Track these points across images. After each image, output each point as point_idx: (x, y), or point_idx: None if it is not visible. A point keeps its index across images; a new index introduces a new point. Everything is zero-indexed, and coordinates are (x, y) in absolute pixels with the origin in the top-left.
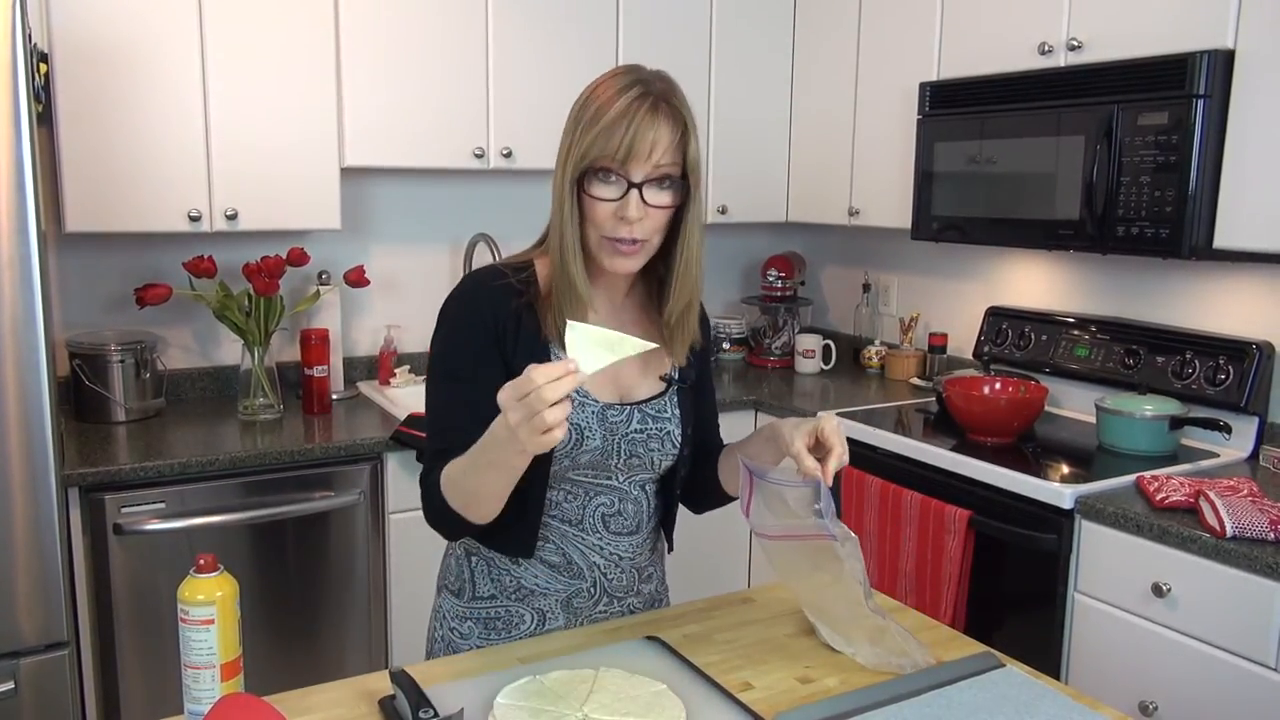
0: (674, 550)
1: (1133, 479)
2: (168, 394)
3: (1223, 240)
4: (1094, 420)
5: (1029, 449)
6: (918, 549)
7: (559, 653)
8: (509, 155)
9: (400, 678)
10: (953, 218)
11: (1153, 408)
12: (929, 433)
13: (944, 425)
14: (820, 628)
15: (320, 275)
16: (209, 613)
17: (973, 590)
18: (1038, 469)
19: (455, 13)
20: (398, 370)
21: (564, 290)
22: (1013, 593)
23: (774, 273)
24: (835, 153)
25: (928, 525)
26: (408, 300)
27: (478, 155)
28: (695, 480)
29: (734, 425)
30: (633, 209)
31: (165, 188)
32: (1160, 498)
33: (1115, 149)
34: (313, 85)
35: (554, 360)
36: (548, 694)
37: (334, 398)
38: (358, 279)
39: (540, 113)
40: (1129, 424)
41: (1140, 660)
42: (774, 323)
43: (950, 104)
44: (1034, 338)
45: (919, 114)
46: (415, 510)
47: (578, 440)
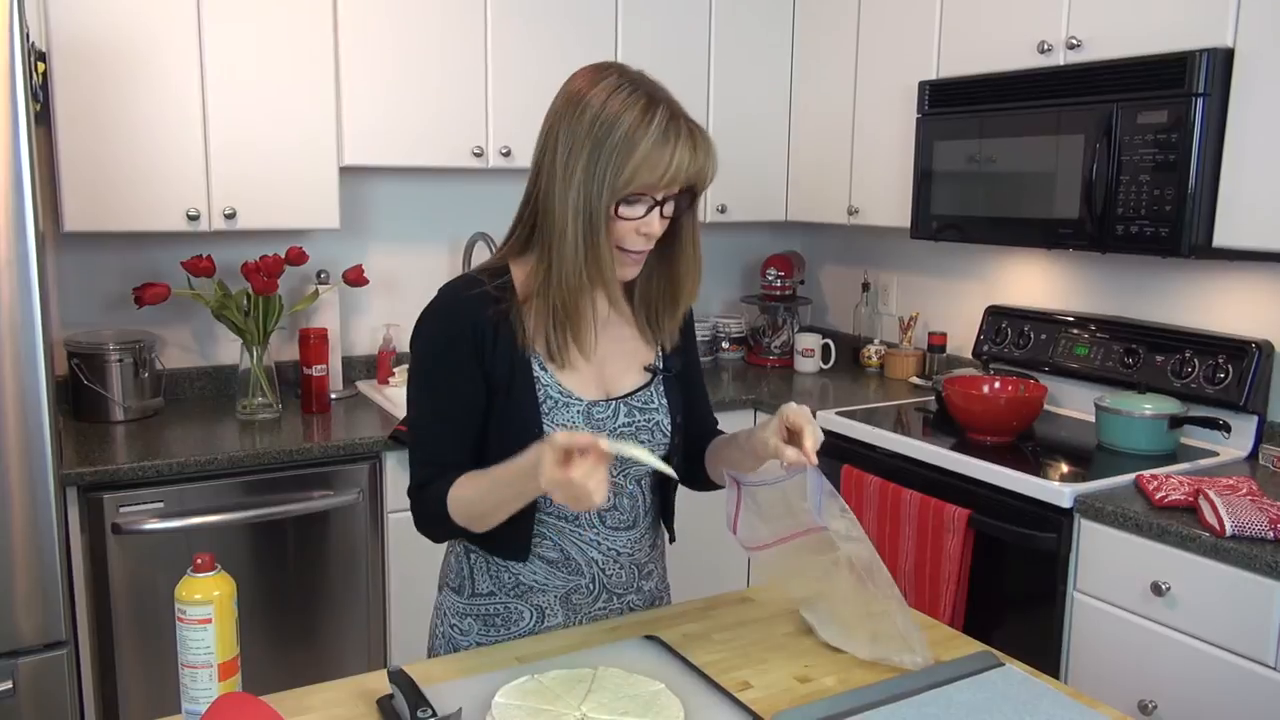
0: (675, 542)
1: (1132, 478)
2: (166, 393)
3: (1222, 239)
4: (1093, 419)
5: (1028, 448)
6: (917, 548)
7: (557, 652)
8: (508, 154)
9: (398, 677)
10: (952, 217)
11: (1152, 407)
12: (928, 432)
13: (943, 424)
14: (818, 626)
15: (319, 274)
16: (206, 612)
17: (972, 589)
18: (1037, 468)
19: (454, 12)
20: (396, 369)
21: (572, 311)
22: (1012, 592)
23: (773, 272)
24: (835, 152)
25: (927, 524)
26: (407, 299)
27: (476, 154)
28: (691, 464)
29: (734, 425)
30: (656, 225)
31: (164, 187)
32: (1160, 497)
33: (1115, 148)
34: (311, 84)
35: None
36: (546, 693)
37: (333, 397)
38: (356, 278)
39: (539, 112)
40: (1128, 423)
41: (1140, 659)
42: (773, 322)
43: (950, 103)
44: (1033, 337)
45: (918, 113)
46: None
47: None
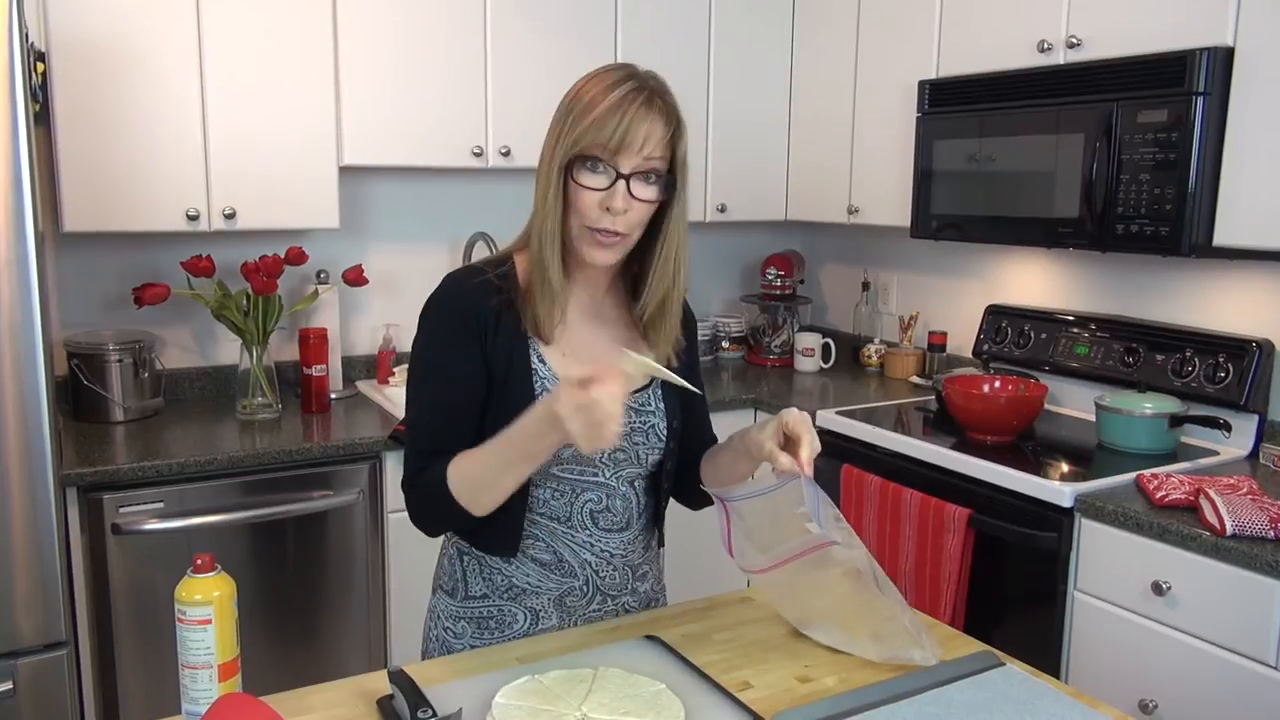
0: (664, 546)
1: (1132, 477)
2: (166, 393)
3: (1222, 238)
4: (1094, 418)
5: (1029, 447)
6: (917, 547)
7: (557, 652)
8: (507, 154)
9: (398, 678)
10: (952, 216)
11: (1152, 406)
12: (928, 431)
13: (943, 424)
14: (819, 635)
15: (319, 274)
16: (206, 613)
17: (972, 589)
18: (1037, 467)
19: (454, 11)
20: (396, 369)
21: (539, 280)
22: (1012, 591)
23: (773, 271)
24: (834, 151)
25: (927, 524)
26: (406, 299)
27: (476, 154)
28: (687, 477)
29: (733, 425)
30: (619, 200)
31: (163, 187)
32: (1160, 496)
33: (1115, 147)
34: (311, 84)
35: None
36: (546, 693)
37: (333, 397)
38: (356, 278)
39: (539, 111)
40: (1129, 422)
41: (1140, 659)
42: (773, 321)
43: (949, 102)
44: (1033, 336)
45: (918, 112)
46: None
47: None
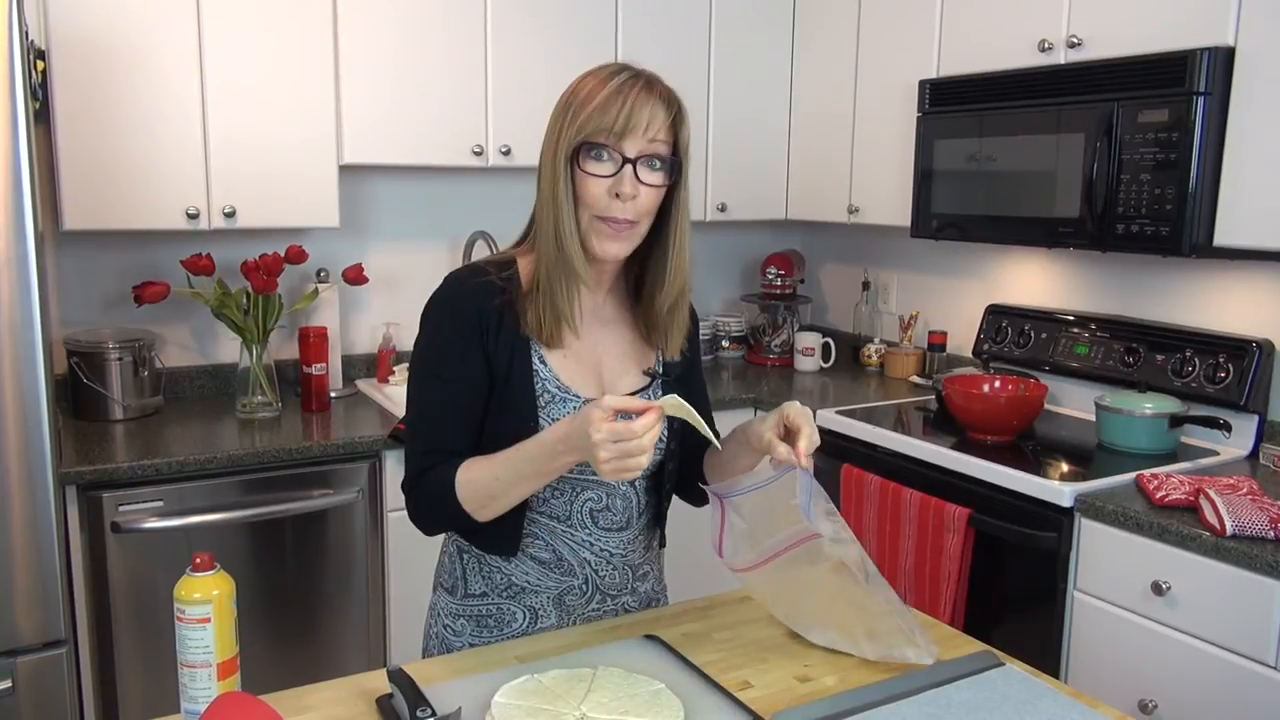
0: (665, 546)
1: (1132, 477)
2: (166, 392)
3: (1223, 238)
4: (1094, 418)
5: (1029, 447)
6: (917, 547)
7: (557, 651)
8: (508, 153)
9: (398, 677)
10: (952, 215)
11: (1152, 406)
12: (929, 431)
13: (944, 423)
14: (814, 634)
15: (319, 273)
16: (205, 611)
17: (972, 588)
18: (1037, 467)
19: (454, 10)
20: (396, 368)
21: (558, 273)
22: (1012, 591)
23: (773, 270)
24: (835, 150)
25: (927, 523)
26: (406, 298)
27: (477, 153)
28: (690, 474)
29: (733, 424)
30: (627, 184)
31: (163, 185)
32: (1160, 496)
33: (1115, 146)
34: (311, 83)
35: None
36: (546, 693)
37: (332, 396)
38: (356, 277)
39: (539, 110)
40: (1129, 422)
41: (1140, 659)
42: (773, 321)
43: (950, 101)
44: (1034, 336)
45: (919, 111)
46: None
47: None
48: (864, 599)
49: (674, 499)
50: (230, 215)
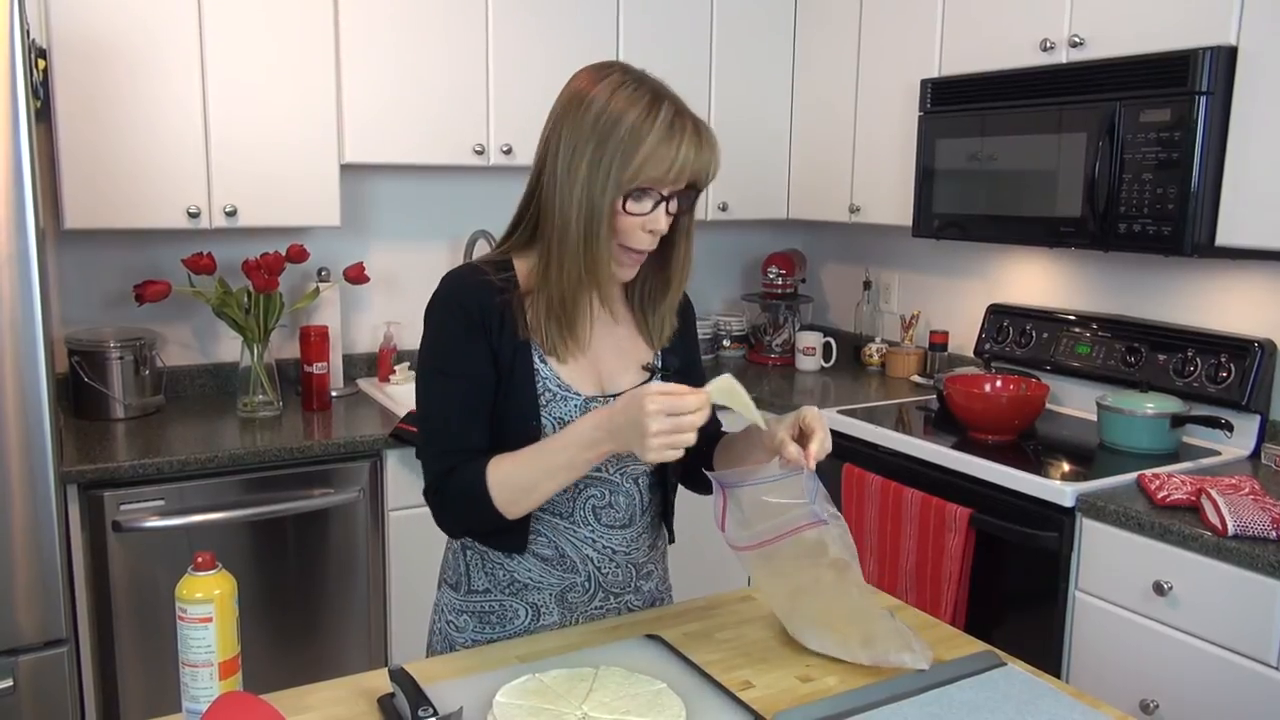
0: (675, 542)
1: (1134, 477)
2: (167, 391)
3: (1225, 238)
4: (1095, 418)
5: (1030, 447)
6: (918, 547)
7: (558, 651)
8: (509, 152)
9: (399, 676)
10: (954, 215)
11: (1154, 406)
12: (930, 431)
13: (945, 423)
14: (810, 639)
15: (320, 272)
16: (207, 611)
17: (973, 588)
18: (1039, 467)
19: (456, 10)
20: (397, 367)
21: (582, 296)
22: (1013, 591)
23: (774, 270)
24: (836, 149)
25: (928, 523)
26: (407, 297)
27: (478, 152)
28: (694, 464)
29: (734, 424)
30: (663, 222)
31: (164, 184)
32: (1162, 496)
33: (1117, 146)
34: (312, 82)
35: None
36: (547, 692)
37: (333, 395)
38: (357, 276)
39: (541, 110)
40: (1130, 422)
41: (1141, 659)
42: (774, 320)
43: (952, 101)
44: (1035, 335)
45: (920, 110)
46: (414, 507)
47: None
48: (861, 601)
49: (680, 493)
50: (231, 214)
